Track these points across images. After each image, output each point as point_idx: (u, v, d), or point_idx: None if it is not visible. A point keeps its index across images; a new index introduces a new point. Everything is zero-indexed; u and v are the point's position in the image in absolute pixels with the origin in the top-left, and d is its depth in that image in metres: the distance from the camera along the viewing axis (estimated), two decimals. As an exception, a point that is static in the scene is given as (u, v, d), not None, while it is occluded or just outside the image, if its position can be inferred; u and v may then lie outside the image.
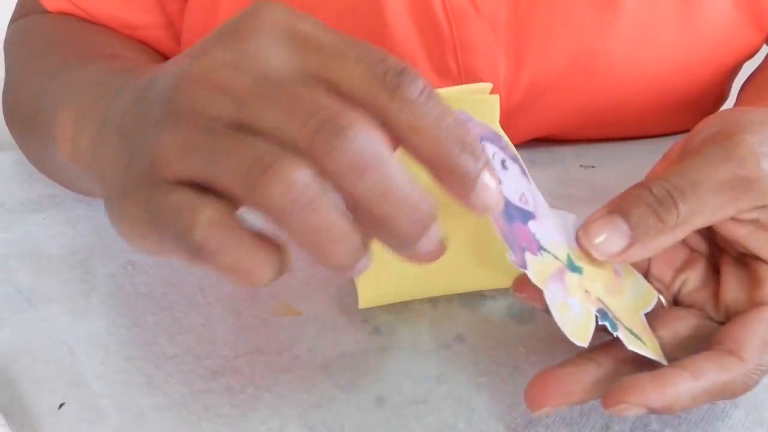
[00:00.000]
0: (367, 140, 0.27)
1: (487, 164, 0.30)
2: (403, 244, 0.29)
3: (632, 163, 0.55)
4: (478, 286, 0.43)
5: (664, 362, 0.34)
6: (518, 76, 0.55)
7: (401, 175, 0.28)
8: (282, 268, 0.29)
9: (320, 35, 0.29)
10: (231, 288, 0.45)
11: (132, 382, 0.39)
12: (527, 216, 0.35)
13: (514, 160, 0.35)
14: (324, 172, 0.27)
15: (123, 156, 0.31)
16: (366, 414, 0.37)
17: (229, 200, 0.28)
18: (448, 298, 0.43)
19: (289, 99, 0.28)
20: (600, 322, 0.35)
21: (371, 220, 0.29)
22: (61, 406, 0.38)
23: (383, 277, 0.41)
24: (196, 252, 0.28)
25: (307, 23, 0.29)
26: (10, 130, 0.56)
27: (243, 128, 0.28)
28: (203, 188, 0.28)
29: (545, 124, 0.58)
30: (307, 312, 0.43)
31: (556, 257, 0.35)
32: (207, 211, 0.28)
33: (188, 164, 0.28)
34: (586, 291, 0.35)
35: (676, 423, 0.35)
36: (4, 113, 0.56)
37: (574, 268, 0.35)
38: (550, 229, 0.36)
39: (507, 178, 0.35)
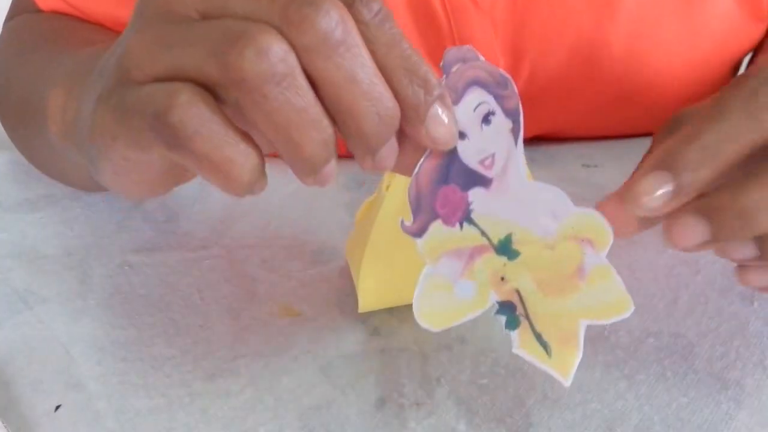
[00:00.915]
0: (340, 17, 0.27)
1: (441, 98, 0.29)
2: (365, 144, 0.29)
3: (635, 163, 0.55)
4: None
5: (565, 383, 0.33)
6: (518, 71, 0.54)
7: (371, 65, 0.28)
8: (260, 175, 0.29)
9: None
10: (230, 289, 0.44)
11: (129, 384, 0.38)
12: (477, 181, 0.32)
13: (510, 114, 0.32)
14: (295, 48, 0.27)
15: (96, 84, 0.31)
16: (366, 416, 0.36)
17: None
18: (449, 299, 0.43)
19: None
20: (494, 314, 0.33)
21: (337, 113, 0.28)
22: (57, 408, 0.37)
23: (384, 281, 0.41)
24: (173, 136, 0.27)
25: None
26: (3, 126, 0.56)
27: (212, 18, 0.28)
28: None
29: (546, 120, 0.58)
30: (306, 313, 0.43)
31: (484, 234, 0.33)
32: (185, 93, 0.27)
33: (157, 59, 0.28)
34: (502, 278, 0.33)
35: (679, 426, 0.35)
36: None
37: (505, 251, 0.33)
38: (507, 202, 0.33)
39: (479, 134, 0.32)
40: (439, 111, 0.29)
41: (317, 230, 0.49)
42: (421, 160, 0.31)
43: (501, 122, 0.32)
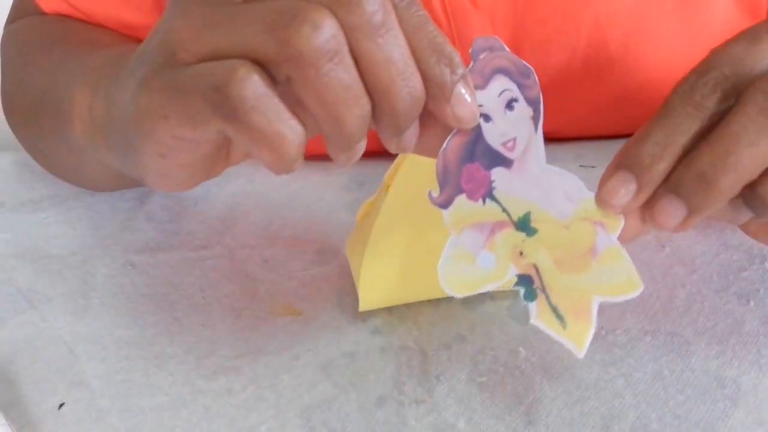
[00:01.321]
0: (384, 4, 0.29)
1: (465, 78, 0.31)
2: (396, 124, 0.30)
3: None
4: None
5: (579, 354, 0.34)
6: None
7: (405, 46, 0.30)
8: (302, 150, 0.30)
9: None
10: (231, 288, 0.45)
11: (132, 382, 0.39)
12: (499, 162, 0.34)
13: (531, 102, 0.34)
14: (343, 27, 0.28)
15: (136, 72, 0.31)
16: (367, 413, 0.37)
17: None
18: (449, 298, 0.43)
19: None
20: (513, 287, 0.35)
21: (374, 92, 0.30)
22: (61, 406, 0.38)
23: (384, 280, 0.41)
24: (232, 109, 0.28)
25: None
26: (11, 126, 0.56)
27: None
28: None
29: (545, 120, 0.58)
30: (308, 312, 0.43)
31: (504, 210, 0.35)
32: (243, 68, 0.28)
33: (205, 39, 0.29)
34: (521, 253, 0.35)
35: (676, 424, 0.35)
36: (4, 111, 0.56)
37: (524, 228, 0.35)
38: (526, 183, 0.34)
39: (502, 119, 0.34)
40: (463, 90, 0.31)
41: (318, 230, 0.49)
42: (449, 137, 0.33)
43: (523, 109, 0.34)
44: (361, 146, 0.31)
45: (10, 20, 0.61)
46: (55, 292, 0.45)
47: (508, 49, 0.34)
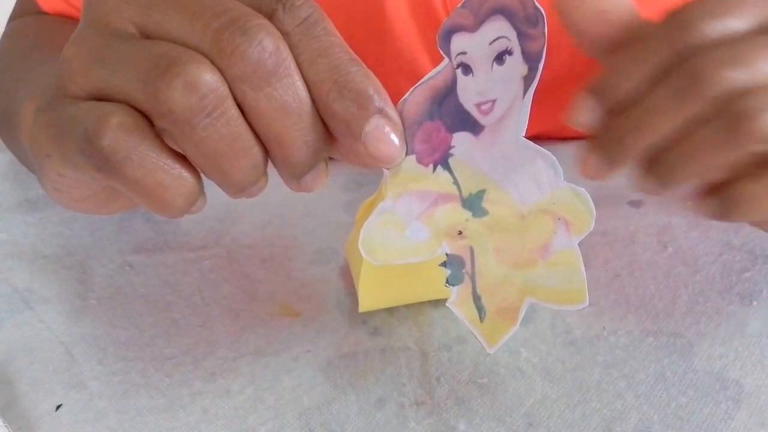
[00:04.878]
0: (273, 47, 0.26)
1: (381, 111, 0.27)
2: (292, 171, 0.28)
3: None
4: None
5: (489, 350, 0.32)
6: None
7: (302, 92, 0.27)
8: (195, 197, 0.28)
9: None
10: (230, 289, 0.44)
11: (130, 384, 0.39)
12: (467, 125, 0.29)
13: (529, 58, 0.28)
14: (226, 77, 0.26)
15: (44, 97, 0.30)
16: (366, 415, 0.36)
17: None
18: (449, 299, 0.43)
19: (195, 1, 0.26)
20: (440, 265, 0.31)
21: (265, 140, 0.28)
22: (58, 407, 0.37)
23: (383, 281, 0.41)
24: (104, 160, 0.26)
25: None
26: None
27: (150, 36, 0.27)
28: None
29: (547, 119, 0.58)
30: (307, 313, 0.43)
31: (455, 182, 0.30)
32: (118, 116, 0.26)
33: (90, 74, 0.27)
34: (460, 232, 0.31)
35: (679, 425, 0.35)
36: None
37: (473, 207, 0.31)
38: (492, 156, 0.30)
39: (486, 74, 0.28)
40: (379, 125, 0.28)
41: (317, 230, 0.49)
42: (413, 88, 0.29)
43: (516, 65, 0.29)
44: (259, 187, 0.29)
45: (12, 17, 0.61)
46: (52, 292, 0.45)
47: None
